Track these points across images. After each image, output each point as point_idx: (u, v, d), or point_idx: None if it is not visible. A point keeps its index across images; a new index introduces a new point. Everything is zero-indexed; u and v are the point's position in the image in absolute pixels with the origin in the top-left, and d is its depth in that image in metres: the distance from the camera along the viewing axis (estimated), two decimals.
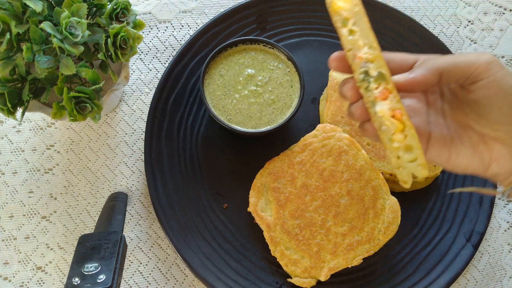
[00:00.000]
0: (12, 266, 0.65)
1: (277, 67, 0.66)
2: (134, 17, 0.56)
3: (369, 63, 0.40)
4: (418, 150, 0.39)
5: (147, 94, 0.73)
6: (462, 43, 0.79)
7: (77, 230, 0.67)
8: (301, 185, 0.63)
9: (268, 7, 0.74)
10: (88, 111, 0.53)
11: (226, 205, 0.67)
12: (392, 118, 0.39)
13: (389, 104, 0.39)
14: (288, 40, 0.74)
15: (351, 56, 0.40)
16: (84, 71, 0.52)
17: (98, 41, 0.54)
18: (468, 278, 0.68)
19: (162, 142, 0.68)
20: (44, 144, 0.70)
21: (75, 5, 0.50)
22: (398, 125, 0.39)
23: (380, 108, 0.39)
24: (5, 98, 0.51)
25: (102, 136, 0.70)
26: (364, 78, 0.40)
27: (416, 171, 0.40)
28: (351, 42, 0.40)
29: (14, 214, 0.67)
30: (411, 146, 0.39)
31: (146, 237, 0.67)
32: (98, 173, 0.69)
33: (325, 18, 0.75)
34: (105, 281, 0.49)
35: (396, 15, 0.75)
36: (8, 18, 0.48)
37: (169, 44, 0.75)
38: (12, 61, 0.52)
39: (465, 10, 0.80)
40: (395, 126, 0.39)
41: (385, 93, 0.39)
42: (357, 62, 0.40)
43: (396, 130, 0.39)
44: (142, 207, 0.68)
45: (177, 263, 0.67)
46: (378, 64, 0.40)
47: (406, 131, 0.39)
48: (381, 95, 0.39)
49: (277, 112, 0.65)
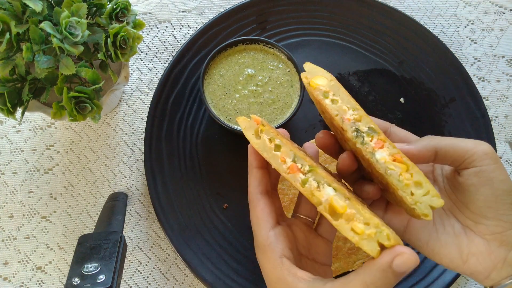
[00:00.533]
0: (12, 266, 0.65)
1: (277, 67, 0.66)
2: (134, 17, 0.56)
3: (357, 122, 0.44)
4: (427, 184, 0.41)
5: (147, 94, 0.73)
6: (462, 43, 0.79)
7: (77, 230, 0.67)
8: None
9: (268, 7, 0.74)
10: (88, 111, 0.53)
11: (226, 205, 0.67)
12: (394, 161, 0.42)
13: (387, 150, 0.42)
14: (288, 40, 0.74)
15: (340, 120, 0.44)
16: (84, 71, 0.52)
17: (98, 41, 0.54)
18: (468, 278, 0.68)
19: (162, 142, 0.68)
20: (44, 144, 0.70)
21: (75, 5, 0.50)
22: (402, 166, 0.42)
23: (380, 155, 0.42)
24: (5, 98, 0.51)
25: (102, 136, 0.70)
26: (357, 134, 0.43)
27: (432, 202, 0.41)
28: (336, 108, 0.44)
29: (14, 214, 0.67)
30: (420, 182, 0.41)
31: (146, 237, 0.67)
32: (98, 173, 0.69)
33: (325, 18, 0.75)
34: (105, 281, 0.49)
35: (396, 15, 0.75)
36: (8, 18, 0.48)
37: (169, 44, 0.75)
38: (12, 61, 0.51)
39: (465, 10, 0.80)
40: (399, 167, 0.42)
41: (380, 142, 0.43)
42: (347, 123, 0.44)
43: (401, 171, 0.42)
44: (142, 207, 0.68)
45: (177, 263, 0.67)
46: (365, 122, 0.44)
47: (411, 169, 0.42)
48: (377, 145, 0.43)
49: (277, 112, 0.65)
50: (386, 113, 0.72)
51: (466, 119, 0.71)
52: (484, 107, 0.71)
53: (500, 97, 0.77)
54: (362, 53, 0.74)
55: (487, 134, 0.70)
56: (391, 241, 0.38)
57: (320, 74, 0.46)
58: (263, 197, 0.46)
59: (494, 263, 0.43)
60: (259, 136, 0.45)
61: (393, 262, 0.36)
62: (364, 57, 0.74)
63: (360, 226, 0.39)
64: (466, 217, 0.45)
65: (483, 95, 0.76)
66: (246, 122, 0.46)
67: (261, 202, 0.46)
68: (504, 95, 0.77)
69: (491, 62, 0.78)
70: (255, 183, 0.47)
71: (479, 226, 0.44)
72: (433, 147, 0.44)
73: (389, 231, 0.38)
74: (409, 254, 0.36)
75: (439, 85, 0.73)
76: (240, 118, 0.47)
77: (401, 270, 0.36)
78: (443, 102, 0.72)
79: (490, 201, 0.43)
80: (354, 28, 0.75)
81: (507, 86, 0.77)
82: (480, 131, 0.70)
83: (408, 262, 0.36)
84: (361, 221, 0.39)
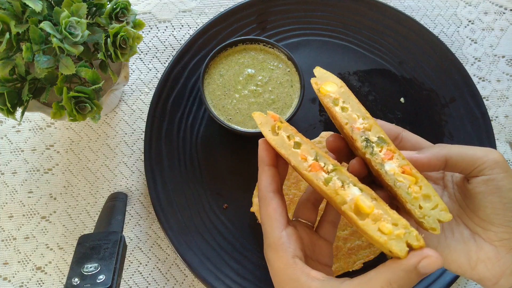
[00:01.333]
0: (12, 266, 0.65)
1: (277, 67, 0.66)
2: (133, 16, 0.56)
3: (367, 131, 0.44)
4: (435, 197, 0.41)
5: (146, 94, 0.73)
6: (463, 42, 0.79)
7: (77, 230, 0.67)
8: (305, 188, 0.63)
9: (268, 7, 0.74)
10: (87, 111, 0.53)
11: (226, 205, 0.67)
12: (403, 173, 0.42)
13: (397, 162, 0.42)
14: (288, 40, 0.74)
15: (349, 128, 0.44)
16: (83, 71, 0.52)
17: (97, 41, 0.53)
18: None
19: (162, 142, 0.68)
20: (43, 144, 0.70)
21: (74, 5, 0.50)
22: (410, 179, 0.42)
23: (390, 167, 0.42)
24: (5, 98, 0.51)
25: (101, 136, 0.70)
26: (367, 144, 0.43)
27: (440, 216, 0.41)
28: (346, 117, 0.44)
29: (13, 214, 0.67)
30: (429, 195, 0.41)
31: (145, 237, 0.67)
32: (97, 173, 0.69)
33: (325, 18, 0.75)
34: (105, 281, 0.49)
35: (396, 15, 0.75)
36: (8, 18, 0.48)
37: (169, 44, 0.75)
38: (11, 61, 0.51)
39: (466, 10, 0.80)
40: (408, 180, 0.42)
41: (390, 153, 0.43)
42: (356, 132, 0.44)
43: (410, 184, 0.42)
44: (142, 207, 0.68)
45: (177, 263, 0.67)
46: (375, 131, 0.43)
47: (419, 182, 0.42)
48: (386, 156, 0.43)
49: (277, 112, 0.65)
50: (386, 113, 0.72)
51: (466, 119, 0.71)
52: (484, 107, 0.71)
53: (500, 97, 0.77)
54: (362, 53, 0.74)
55: (487, 134, 0.70)
56: (420, 241, 0.38)
57: (331, 80, 0.46)
58: (275, 196, 0.46)
59: (502, 270, 0.43)
60: (276, 132, 0.45)
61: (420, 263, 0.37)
62: (364, 57, 0.74)
63: (388, 227, 0.39)
64: (475, 223, 0.45)
65: (483, 95, 0.76)
66: (262, 117, 0.46)
67: (274, 202, 0.45)
68: (504, 95, 0.77)
69: (491, 62, 0.78)
70: (267, 181, 0.46)
71: (488, 233, 0.44)
72: (443, 156, 0.44)
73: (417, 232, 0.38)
74: (436, 257, 0.37)
75: (439, 85, 0.73)
76: (255, 113, 0.46)
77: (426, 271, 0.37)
78: (443, 102, 0.72)
79: (498, 209, 0.43)
80: (354, 28, 0.75)
81: (507, 86, 0.77)
82: (480, 131, 0.70)
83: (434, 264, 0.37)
84: (389, 222, 0.39)
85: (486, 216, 0.44)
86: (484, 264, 0.44)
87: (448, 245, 0.46)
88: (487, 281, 0.44)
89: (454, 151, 0.44)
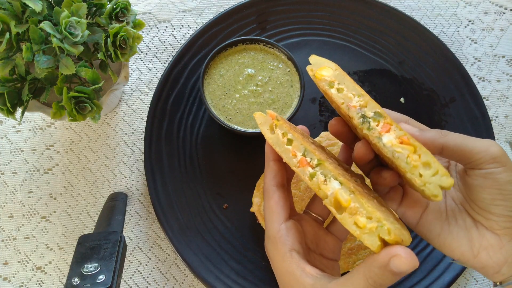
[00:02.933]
0: (12, 266, 0.65)
1: (277, 67, 0.66)
2: (133, 16, 0.56)
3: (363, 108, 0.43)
4: (435, 163, 0.40)
5: (146, 94, 0.73)
6: (463, 42, 0.79)
7: (77, 230, 0.67)
8: (305, 188, 0.63)
9: (268, 7, 0.74)
10: (87, 111, 0.53)
11: (226, 205, 0.67)
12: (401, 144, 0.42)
13: (394, 133, 0.42)
14: (288, 40, 0.74)
15: (346, 107, 0.44)
16: (83, 71, 0.52)
17: (97, 41, 0.53)
18: (468, 278, 0.68)
19: (161, 142, 0.68)
20: (43, 144, 0.70)
21: (74, 5, 0.50)
22: (409, 148, 0.41)
23: (387, 139, 0.42)
24: (5, 98, 0.51)
25: (101, 136, 0.70)
26: (363, 120, 0.43)
27: (442, 182, 0.40)
28: (342, 97, 0.44)
29: (13, 214, 0.67)
30: (429, 162, 0.41)
31: (145, 237, 0.67)
32: (97, 173, 0.69)
33: (325, 18, 0.75)
34: (105, 281, 0.49)
35: (396, 14, 0.75)
36: (8, 18, 0.48)
37: (169, 44, 0.75)
38: (11, 61, 0.51)
39: (466, 10, 0.80)
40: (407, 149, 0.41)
41: (387, 126, 0.42)
42: (353, 110, 0.43)
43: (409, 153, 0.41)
44: (142, 207, 0.68)
45: (177, 263, 0.67)
46: (371, 107, 0.43)
47: (418, 150, 0.41)
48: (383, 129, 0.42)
49: (277, 112, 0.65)
50: None
51: (466, 119, 0.71)
52: (484, 107, 0.71)
53: (500, 97, 0.77)
54: (362, 53, 0.74)
55: (487, 134, 0.70)
56: (391, 236, 0.37)
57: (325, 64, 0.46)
58: (278, 190, 0.46)
59: (505, 257, 0.43)
60: (273, 130, 0.45)
61: (390, 262, 0.36)
62: (364, 57, 0.74)
63: (362, 220, 0.38)
64: (476, 212, 0.45)
65: (483, 95, 0.76)
66: (262, 117, 0.46)
67: (276, 195, 0.46)
68: (504, 95, 0.77)
69: (491, 62, 0.78)
70: (270, 175, 0.47)
71: (489, 222, 0.44)
72: (439, 144, 0.43)
73: (391, 226, 0.37)
74: (405, 257, 0.36)
75: (439, 85, 0.73)
76: (256, 113, 0.47)
77: (398, 271, 0.36)
78: (443, 102, 0.72)
79: (498, 200, 0.42)
80: (354, 28, 0.75)
81: (507, 86, 0.77)
82: (480, 131, 0.70)
83: (405, 265, 0.36)
84: (363, 215, 0.39)
85: (486, 206, 0.43)
86: (487, 252, 0.43)
87: (451, 231, 0.45)
88: (490, 269, 0.44)
89: (453, 141, 0.43)
